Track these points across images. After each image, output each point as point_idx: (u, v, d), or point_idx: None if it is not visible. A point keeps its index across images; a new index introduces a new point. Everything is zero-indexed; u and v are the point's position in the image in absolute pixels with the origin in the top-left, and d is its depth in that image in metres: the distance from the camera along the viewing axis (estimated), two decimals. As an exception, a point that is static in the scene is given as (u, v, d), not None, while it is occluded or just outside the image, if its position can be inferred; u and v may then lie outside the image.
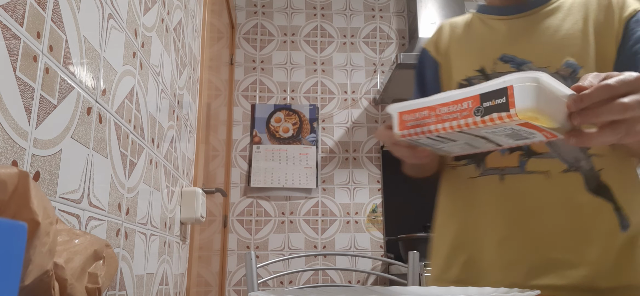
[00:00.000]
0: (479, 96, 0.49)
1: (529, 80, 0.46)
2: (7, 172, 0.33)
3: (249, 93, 2.69)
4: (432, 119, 0.53)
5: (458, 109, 0.50)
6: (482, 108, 0.49)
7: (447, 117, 0.51)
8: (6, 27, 0.53)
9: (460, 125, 0.50)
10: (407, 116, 0.55)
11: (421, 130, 0.54)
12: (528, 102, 0.46)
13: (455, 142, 0.56)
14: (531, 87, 0.46)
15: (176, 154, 1.33)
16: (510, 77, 0.47)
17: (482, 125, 0.49)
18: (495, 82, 0.48)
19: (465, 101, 0.50)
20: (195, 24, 1.61)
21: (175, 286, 1.34)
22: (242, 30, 2.78)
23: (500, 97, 0.48)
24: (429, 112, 0.53)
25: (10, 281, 0.21)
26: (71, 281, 0.44)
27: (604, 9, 0.80)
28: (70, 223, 0.68)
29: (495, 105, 0.48)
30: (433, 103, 0.53)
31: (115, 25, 0.85)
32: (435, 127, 0.52)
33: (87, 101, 0.74)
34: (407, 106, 0.56)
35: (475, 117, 0.49)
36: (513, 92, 0.47)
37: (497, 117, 0.48)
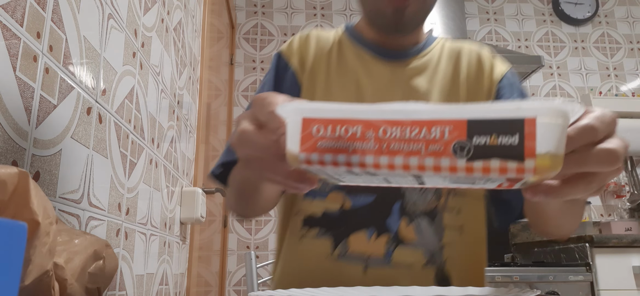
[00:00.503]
0: (466, 123, 0.29)
1: (560, 114, 0.28)
2: (7, 172, 0.33)
3: (249, 94, 2.68)
4: (370, 144, 0.31)
5: (422, 137, 0.30)
6: (471, 145, 0.29)
7: (399, 146, 0.30)
8: (6, 27, 0.53)
9: (424, 165, 0.30)
10: (319, 128, 0.32)
11: (346, 159, 0.31)
12: (556, 153, 0.28)
13: (373, 176, 0.33)
14: (561, 129, 0.29)
15: (176, 154, 1.33)
16: (529, 104, 0.28)
17: (465, 174, 0.29)
18: (501, 106, 0.29)
19: (437, 125, 0.30)
20: (195, 24, 1.61)
21: (175, 286, 1.34)
22: (242, 30, 2.78)
23: (511, 134, 0.28)
24: (364, 130, 0.31)
25: (10, 281, 0.21)
26: (71, 281, 0.44)
27: (474, 66, 0.76)
28: (70, 223, 0.68)
29: (498, 147, 0.28)
30: (374, 116, 0.31)
31: (115, 25, 0.85)
32: (375, 159, 0.31)
33: (87, 101, 0.74)
34: (320, 111, 0.32)
35: (457, 158, 0.29)
36: (534, 131, 0.28)
37: (499, 167, 0.28)
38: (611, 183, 2.66)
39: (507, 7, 2.97)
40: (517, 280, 1.92)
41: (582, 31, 2.96)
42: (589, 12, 2.94)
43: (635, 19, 2.99)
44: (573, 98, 2.85)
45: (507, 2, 2.98)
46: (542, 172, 0.28)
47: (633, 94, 2.88)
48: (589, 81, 2.88)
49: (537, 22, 2.95)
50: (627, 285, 1.98)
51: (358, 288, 0.62)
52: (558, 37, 2.94)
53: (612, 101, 2.83)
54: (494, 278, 1.90)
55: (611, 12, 3.00)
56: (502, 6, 2.97)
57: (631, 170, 2.73)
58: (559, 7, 2.93)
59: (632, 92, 2.88)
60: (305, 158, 0.32)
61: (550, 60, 2.89)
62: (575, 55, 2.91)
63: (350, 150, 0.31)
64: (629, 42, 2.95)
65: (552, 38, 2.93)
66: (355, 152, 0.31)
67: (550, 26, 2.95)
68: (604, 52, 2.93)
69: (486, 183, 0.32)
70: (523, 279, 1.92)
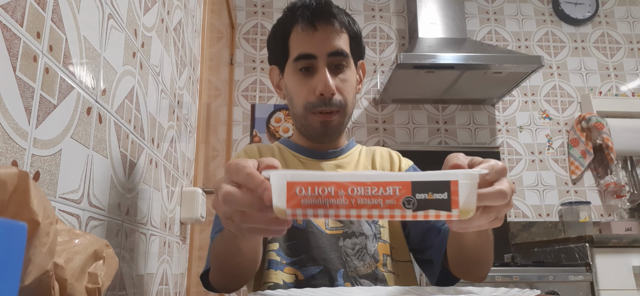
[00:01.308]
0: (411, 184, 0.42)
1: (471, 177, 0.42)
2: (7, 172, 0.33)
3: (248, 93, 2.69)
4: (342, 200, 0.43)
5: (380, 194, 0.42)
6: (415, 200, 0.42)
7: (364, 201, 0.42)
8: (6, 27, 0.53)
9: (383, 215, 0.42)
10: (301, 189, 0.44)
11: (325, 212, 0.43)
12: (471, 203, 0.42)
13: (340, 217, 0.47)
14: (472, 186, 0.42)
15: (176, 154, 1.33)
16: (453, 171, 0.43)
17: (412, 219, 0.42)
18: (432, 173, 0.43)
19: (390, 186, 0.42)
20: (195, 24, 1.61)
21: (175, 286, 1.34)
22: (242, 30, 2.78)
23: (441, 192, 0.42)
24: (336, 189, 0.43)
25: (10, 281, 0.21)
26: (71, 281, 0.44)
27: (387, 160, 0.98)
28: (70, 223, 0.68)
29: (432, 200, 0.42)
30: (342, 179, 0.43)
31: (115, 25, 0.85)
32: (347, 211, 0.43)
33: (87, 101, 0.74)
34: (301, 176, 0.44)
35: (406, 209, 0.42)
36: (458, 190, 0.42)
37: (435, 215, 0.42)
38: (611, 183, 2.65)
39: (507, 7, 2.97)
40: (517, 280, 1.92)
41: (582, 31, 2.96)
42: (589, 12, 2.94)
43: (635, 19, 2.99)
44: (573, 98, 2.85)
45: (507, 2, 2.98)
46: (464, 215, 0.42)
47: (633, 94, 2.88)
48: (589, 81, 2.87)
49: (537, 22, 2.95)
50: (627, 285, 1.98)
51: (358, 287, 0.63)
52: (558, 37, 2.94)
53: (612, 101, 2.83)
54: (494, 278, 1.90)
55: (611, 12, 3.00)
56: (502, 6, 2.97)
57: (631, 170, 2.73)
58: (559, 7, 2.93)
59: (632, 92, 2.88)
60: (292, 212, 0.43)
61: (550, 60, 2.89)
62: (575, 55, 2.91)
63: (328, 205, 0.43)
64: (629, 42, 2.95)
65: (552, 38, 2.93)
66: (331, 206, 0.43)
67: (550, 26, 2.95)
68: (604, 52, 2.93)
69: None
70: (523, 279, 1.92)
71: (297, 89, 0.89)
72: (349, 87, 0.89)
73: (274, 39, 0.92)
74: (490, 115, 2.80)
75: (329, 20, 0.87)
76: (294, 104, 0.91)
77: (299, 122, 0.93)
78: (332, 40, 0.87)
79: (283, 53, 0.91)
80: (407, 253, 0.94)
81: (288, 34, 0.89)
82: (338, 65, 0.88)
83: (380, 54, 2.84)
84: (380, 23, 2.89)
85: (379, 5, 2.92)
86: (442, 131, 2.75)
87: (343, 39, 0.89)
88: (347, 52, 0.89)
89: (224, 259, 0.71)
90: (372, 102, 2.75)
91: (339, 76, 0.88)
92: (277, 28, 0.92)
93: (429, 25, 2.63)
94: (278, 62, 0.94)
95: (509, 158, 2.73)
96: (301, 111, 0.90)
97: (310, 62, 0.87)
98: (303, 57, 0.87)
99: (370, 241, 0.88)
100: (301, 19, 0.87)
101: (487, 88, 2.54)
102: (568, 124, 2.80)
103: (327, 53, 0.86)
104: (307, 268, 0.84)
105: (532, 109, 2.82)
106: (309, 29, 0.86)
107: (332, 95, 0.86)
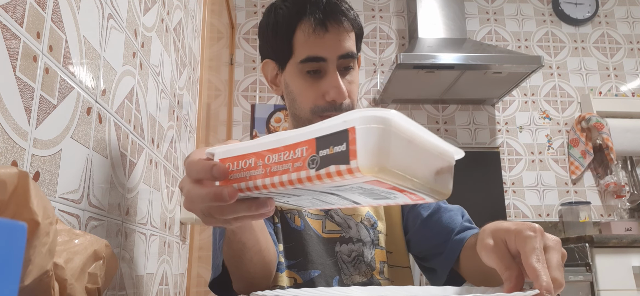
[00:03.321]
0: (315, 141, 0.36)
1: (376, 121, 0.34)
2: (6, 172, 0.33)
3: (248, 94, 2.69)
4: (260, 171, 0.39)
5: (290, 158, 0.37)
6: (318, 158, 0.35)
7: (277, 168, 0.38)
8: (6, 27, 0.53)
9: (292, 180, 0.37)
10: (231, 165, 0.41)
11: (246, 186, 0.40)
12: (375, 154, 0.33)
13: (299, 197, 0.42)
14: (379, 131, 0.33)
15: (176, 154, 1.33)
16: (353, 114, 0.35)
17: (319, 181, 0.35)
18: (335, 121, 0.35)
19: (299, 147, 0.36)
20: (195, 24, 1.61)
21: (175, 286, 1.34)
22: (242, 30, 2.78)
23: (340, 143, 0.34)
24: (256, 160, 0.39)
25: (10, 281, 0.21)
26: (71, 282, 0.44)
27: None
28: (70, 223, 0.68)
29: (333, 155, 0.35)
30: (261, 148, 0.39)
31: (115, 26, 0.85)
32: (262, 181, 0.39)
33: (87, 101, 0.74)
34: (230, 151, 0.41)
35: (309, 170, 0.36)
36: (355, 137, 0.34)
37: (336, 171, 0.34)
38: (611, 183, 2.65)
39: (507, 7, 2.97)
40: (517, 280, 1.92)
41: (582, 31, 2.96)
42: (589, 12, 2.94)
43: (635, 19, 2.99)
44: (573, 99, 2.85)
45: (507, 2, 2.98)
46: (369, 171, 0.33)
47: (633, 94, 2.88)
48: (589, 81, 2.87)
49: (537, 22, 2.95)
50: (627, 285, 1.98)
51: (359, 287, 0.63)
52: (558, 37, 2.94)
53: (612, 101, 2.83)
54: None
55: (611, 12, 3.00)
56: (502, 6, 2.97)
57: (631, 170, 2.73)
58: (559, 7, 2.93)
59: (632, 92, 2.88)
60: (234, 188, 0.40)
61: (550, 60, 2.89)
62: (575, 55, 2.91)
63: (249, 178, 0.39)
64: (629, 42, 2.95)
65: (552, 38, 2.93)
66: (253, 177, 0.39)
67: (550, 26, 2.95)
68: (604, 52, 2.93)
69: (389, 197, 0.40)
70: (523, 279, 1.92)
71: (304, 92, 0.84)
72: (356, 88, 0.86)
73: (274, 34, 0.85)
74: (490, 115, 2.80)
75: (340, 21, 0.81)
76: (297, 106, 0.86)
77: (302, 124, 0.85)
78: (343, 42, 0.82)
79: (285, 51, 0.84)
80: (406, 259, 0.92)
81: (292, 31, 0.82)
82: (346, 67, 0.84)
83: (380, 54, 2.84)
84: (380, 23, 2.89)
85: (379, 5, 2.92)
86: (442, 131, 2.75)
87: (352, 39, 0.84)
88: (356, 53, 0.85)
89: (235, 262, 0.69)
90: (372, 102, 2.75)
91: (346, 78, 0.84)
92: (278, 23, 0.84)
93: (429, 25, 2.63)
94: (276, 58, 0.87)
95: (508, 159, 2.73)
96: (307, 115, 0.84)
97: (319, 65, 0.82)
98: (313, 59, 0.81)
99: (367, 249, 0.86)
100: (311, 17, 0.81)
101: (487, 88, 2.54)
102: (568, 124, 2.80)
103: (338, 56, 0.81)
104: (306, 272, 0.83)
105: (532, 109, 2.82)
106: (320, 30, 0.80)
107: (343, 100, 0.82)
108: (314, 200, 0.44)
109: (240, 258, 0.68)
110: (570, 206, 2.54)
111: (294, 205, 0.47)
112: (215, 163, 0.42)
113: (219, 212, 0.44)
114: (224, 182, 0.41)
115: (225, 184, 0.41)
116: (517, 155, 2.74)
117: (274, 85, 0.91)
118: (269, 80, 0.91)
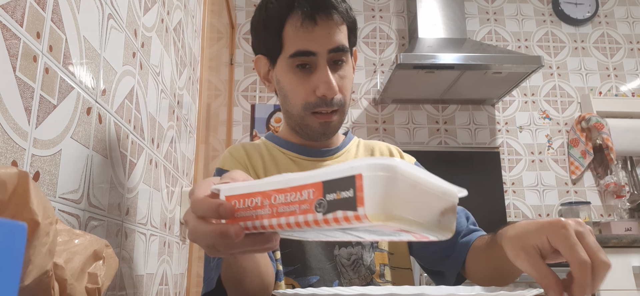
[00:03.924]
0: (322, 184, 0.37)
1: (383, 168, 0.35)
2: (6, 172, 0.33)
3: (248, 94, 2.69)
4: (266, 210, 0.40)
5: (297, 199, 0.38)
6: (325, 202, 0.36)
7: (284, 209, 0.39)
8: (6, 27, 0.53)
9: (299, 222, 0.38)
10: (237, 202, 0.42)
11: (253, 224, 0.41)
12: (382, 201, 0.34)
13: (304, 231, 0.42)
14: (385, 179, 0.34)
15: (176, 154, 1.33)
16: (360, 162, 0.35)
17: (326, 225, 0.36)
18: (342, 167, 0.36)
19: (306, 189, 0.37)
20: (195, 24, 1.61)
21: (175, 286, 1.34)
22: (242, 30, 2.78)
23: (347, 189, 0.35)
24: (262, 199, 0.40)
25: (10, 281, 0.21)
26: (71, 282, 0.44)
27: (387, 155, 0.91)
28: (70, 223, 0.68)
29: (340, 200, 0.36)
30: (267, 187, 0.40)
31: (115, 26, 0.85)
32: (268, 221, 0.40)
33: (87, 101, 0.74)
34: (236, 188, 0.42)
35: (317, 213, 0.37)
36: (362, 184, 0.35)
37: (343, 217, 0.35)
38: (611, 183, 2.65)
39: (507, 7, 2.97)
40: (517, 280, 1.92)
41: (582, 31, 2.96)
42: (589, 12, 2.94)
43: (635, 19, 2.99)
44: (573, 99, 2.85)
45: (507, 2, 2.98)
46: (376, 218, 0.34)
47: (633, 94, 2.88)
48: (588, 81, 2.87)
49: (537, 22, 2.95)
50: (627, 285, 1.98)
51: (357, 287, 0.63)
52: (558, 37, 2.94)
53: (612, 101, 2.83)
54: (494, 278, 1.90)
55: (611, 12, 3.00)
56: (502, 6, 2.97)
57: (631, 170, 2.73)
58: (559, 7, 2.93)
59: (632, 92, 2.88)
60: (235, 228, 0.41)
61: (550, 60, 2.89)
62: (575, 55, 2.91)
63: (255, 217, 0.40)
64: (629, 42, 2.95)
65: (552, 38, 2.93)
66: (260, 217, 0.40)
67: (550, 26, 2.95)
68: (604, 52, 2.93)
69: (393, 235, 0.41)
70: (523, 279, 1.92)
71: (295, 87, 0.83)
72: (348, 83, 0.85)
73: (265, 29, 0.84)
74: (490, 115, 2.80)
75: (330, 13, 0.79)
76: (289, 103, 0.85)
77: (295, 122, 0.87)
78: (333, 35, 0.80)
79: (275, 46, 0.83)
80: (407, 260, 0.91)
81: (282, 25, 0.81)
82: (337, 61, 0.82)
83: (380, 54, 2.84)
84: (380, 23, 2.89)
85: (379, 5, 2.92)
86: (442, 131, 2.75)
87: (343, 32, 0.82)
88: (348, 46, 0.83)
89: (234, 284, 0.68)
90: (372, 102, 2.75)
91: (338, 73, 0.82)
92: (268, 18, 0.82)
93: (429, 25, 2.63)
94: (268, 53, 0.86)
95: (508, 159, 2.73)
96: (299, 111, 0.84)
97: (309, 59, 0.80)
98: (302, 54, 0.80)
99: (367, 252, 0.85)
100: (299, 10, 0.79)
101: (487, 88, 2.54)
102: (568, 124, 2.80)
103: (328, 49, 0.80)
104: (304, 278, 0.81)
105: (532, 109, 2.82)
106: (308, 23, 0.78)
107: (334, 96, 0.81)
108: (318, 234, 0.44)
109: (240, 282, 0.67)
110: (570, 206, 2.54)
111: (298, 237, 0.48)
112: (221, 202, 0.42)
113: (224, 247, 0.44)
114: (230, 220, 0.42)
115: (232, 222, 0.41)
116: (517, 155, 2.74)
117: (266, 81, 0.90)
118: (261, 76, 0.90)
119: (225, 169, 0.87)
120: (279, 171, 0.87)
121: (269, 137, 0.95)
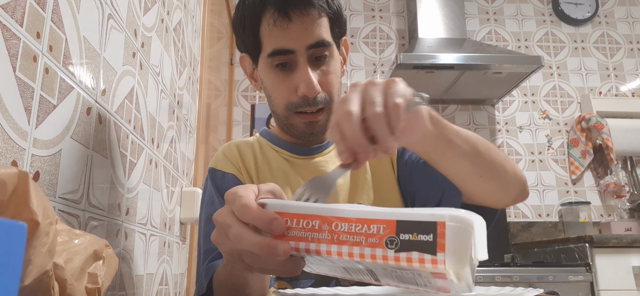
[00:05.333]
0: (395, 222, 0.37)
1: (465, 222, 0.36)
2: (6, 172, 0.33)
3: (248, 94, 2.69)
4: (325, 235, 0.39)
5: (363, 232, 0.38)
6: (398, 240, 0.37)
7: (346, 238, 0.38)
8: (6, 27, 0.53)
9: (364, 255, 0.37)
10: (288, 221, 0.41)
11: (306, 247, 0.40)
12: (462, 252, 0.35)
13: (331, 264, 0.42)
14: (467, 233, 0.36)
15: (176, 154, 1.33)
16: (442, 211, 0.36)
17: (395, 263, 0.36)
18: (420, 211, 0.37)
19: (375, 224, 0.38)
20: (195, 24, 1.61)
21: (175, 286, 1.34)
22: (242, 31, 2.78)
23: (426, 233, 0.36)
24: (320, 223, 0.40)
25: (10, 281, 0.21)
26: (71, 282, 0.44)
27: None
28: (70, 223, 0.68)
29: (417, 242, 0.36)
30: (329, 213, 0.40)
31: (115, 26, 0.85)
32: (327, 247, 0.39)
33: (86, 101, 0.74)
34: (287, 207, 0.41)
35: (388, 250, 0.37)
36: (444, 232, 0.36)
37: (418, 258, 0.36)
38: (611, 183, 2.65)
39: (507, 7, 2.97)
40: (517, 280, 1.92)
41: (582, 31, 2.96)
42: (588, 12, 2.94)
43: (635, 19, 2.99)
44: (573, 99, 2.85)
45: (507, 2, 2.98)
46: (453, 266, 0.35)
47: (633, 94, 2.88)
48: (588, 81, 2.87)
49: (537, 22, 2.95)
50: (627, 285, 1.98)
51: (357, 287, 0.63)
52: (558, 37, 2.94)
53: (612, 101, 2.83)
54: (493, 278, 1.90)
55: (611, 12, 3.00)
56: (502, 6, 2.97)
57: (631, 170, 2.73)
58: (559, 7, 2.93)
59: (632, 92, 2.88)
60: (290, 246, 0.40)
61: (550, 60, 2.89)
62: (575, 55, 2.91)
63: (310, 239, 0.40)
64: (629, 42, 2.95)
65: (552, 38, 2.93)
66: (313, 240, 0.39)
67: (550, 26, 2.95)
68: (604, 52, 2.93)
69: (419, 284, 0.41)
70: (523, 279, 1.92)
71: (276, 88, 0.79)
72: (334, 78, 0.80)
73: (242, 28, 0.80)
74: (490, 116, 2.80)
75: (304, 8, 0.74)
76: (273, 103, 0.82)
77: (281, 122, 0.83)
78: (310, 30, 0.75)
79: (254, 45, 0.79)
80: None
81: (258, 23, 0.77)
82: (319, 57, 0.77)
83: (380, 54, 2.84)
84: (380, 23, 2.89)
85: (378, 5, 2.92)
86: (442, 131, 2.74)
87: (323, 25, 0.77)
88: (329, 40, 0.78)
89: (233, 293, 0.66)
90: (372, 102, 2.75)
91: (321, 68, 0.78)
92: (244, 16, 0.78)
93: (429, 25, 2.63)
94: (249, 53, 0.83)
95: (508, 159, 2.73)
96: (283, 112, 0.80)
97: (288, 58, 0.76)
98: (279, 53, 0.76)
99: None
100: (271, 7, 0.74)
101: (487, 88, 2.54)
102: (568, 124, 2.80)
103: (306, 46, 0.75)
104: (298, 282, 0.79)
105: (532, 109, 2.82)
106: (282, 20, 0.74)
107: (316, 94, 0.77)
108: (339, 269, 0.44)
109: (240, 293, 0.65)
110: (570, 206, 2.54)
111: (317, 271, 0.47)
112: (275, 217, 0.41)
113: (255, 261, 0.43)
114: (277, 236, 0.41)
115: (280, 239, 0.40)
116: (517, 155, 2.74)
117: (252, 79, 0.87)
118: (247, 75, 0.88)
119: (219, 169, 0.86)
120: (271, 171, 0.85)
121: (263, 133, 0.93)
